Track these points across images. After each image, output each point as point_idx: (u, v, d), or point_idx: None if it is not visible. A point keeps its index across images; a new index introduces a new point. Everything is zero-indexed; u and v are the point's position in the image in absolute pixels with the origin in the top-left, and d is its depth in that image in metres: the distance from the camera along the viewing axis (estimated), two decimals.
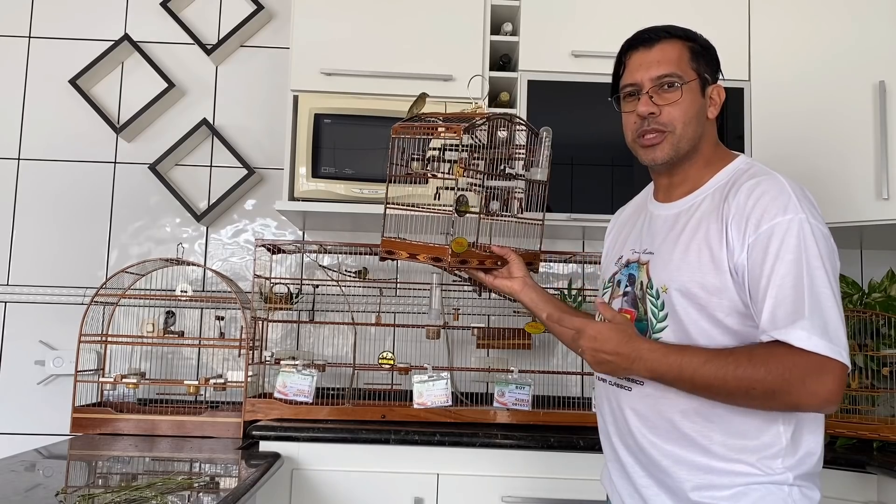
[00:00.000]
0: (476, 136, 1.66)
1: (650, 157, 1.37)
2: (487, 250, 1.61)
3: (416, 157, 1.69)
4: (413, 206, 1.72)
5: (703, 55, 1.37)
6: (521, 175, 1.71)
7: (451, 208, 1.64)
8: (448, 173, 1.65)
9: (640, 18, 1.49)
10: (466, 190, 1.66)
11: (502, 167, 1.69)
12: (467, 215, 1.65)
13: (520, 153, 1.70)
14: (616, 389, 1.37)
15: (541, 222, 1.76)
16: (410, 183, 1.71)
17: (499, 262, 1.60)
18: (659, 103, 1.34)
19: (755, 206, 1.23)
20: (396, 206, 1.69)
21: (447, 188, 1.70)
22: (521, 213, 1.72)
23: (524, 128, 1.69)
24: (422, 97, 1.82)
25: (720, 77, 1.41)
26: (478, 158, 1.67)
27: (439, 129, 1.61)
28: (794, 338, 1.16)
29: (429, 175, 1.69)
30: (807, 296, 1.17)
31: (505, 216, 1.71)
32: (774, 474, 1.23)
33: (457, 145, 1.62)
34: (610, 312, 1.31)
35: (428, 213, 1.70)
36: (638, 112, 1.35)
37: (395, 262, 2.60)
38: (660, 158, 1.36)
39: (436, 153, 1.69)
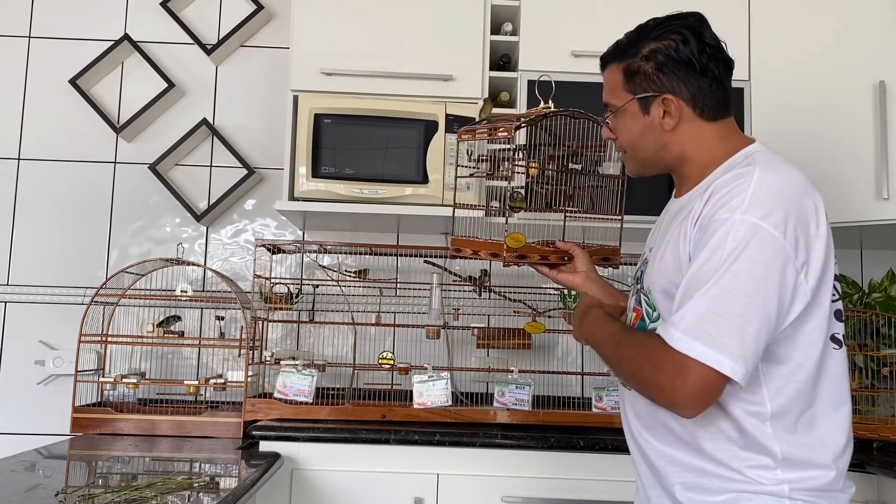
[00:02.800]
0: (546, 131, 1.69)
1: (626, 170, 1.47)
2: (552, 246, 1.62)
3: (484, 157, 1.73)
4: (477, 206, 1.78)
5: (639, 72, 1.31)
6: (575, 169, 1.71)
7: (509, 204, 1.69)
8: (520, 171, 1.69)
9: (640, 18, 1.48)
10: (535, 187, 1.69)
11: (565, 163, 1.70)
12: (523, 212, 1.68)
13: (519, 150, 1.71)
14: (623, 389, 1.38)
15: (620, 219, 1.74)
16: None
17: (565, 257, 1.61)
18: (612, 128, 1.42)
19: (712, 206, 1.19)
20: (464, 207, 1.73)
21: (512, 189, 1.74)
22: (594, 209, 1.73)
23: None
24: (487, 102, 1.86)
25: (713, 63, 1.31)
26: (545, 156, 1.69)
27: (498, 131, 1.64)
28: (661, 329, 1.15)
29: (486, 175, 1.75)
30: (699, 293, 1.11)
31: (572, 212, 1.71)
32: (768, 485, 1.17)
33: (523, 145, 1.67)
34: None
35: (484, 214, 1.75)
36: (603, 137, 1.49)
37: (396, 261, 2.62)
38: (631, 174, 1.46)
39: (509, 153, 1.73)
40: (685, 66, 1.29)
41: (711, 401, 1.12)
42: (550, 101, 1.77)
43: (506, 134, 1.61)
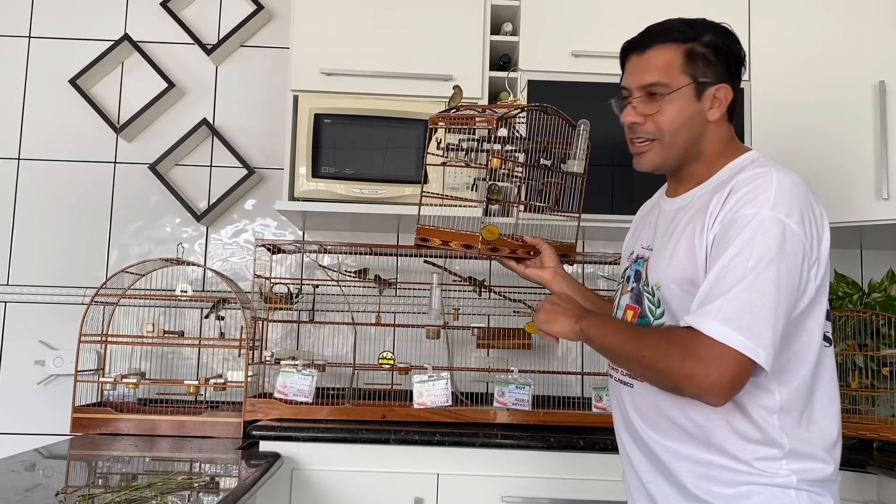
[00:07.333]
0: (516, 128, 1.69)
1: (637, 164, 1.39)
2: (520, 240, 1.62)
3: (453, 147, 1.73)
4: (449, 197, 1.74)
5: (702, 57, 1.31)
6: (545, 165, 1.71)
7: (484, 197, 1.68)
8: (485, 164, 1.68)
9: (640, 18, 1.48)
10: (501, 181, 1.69)
11: (536, 158, 1.70)
12: (499, 205, 1.68)
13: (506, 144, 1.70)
14: (620, 386, 1.38)
15: (577, 216, 1.75)
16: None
17: (531, 252, 1.62)
18: (645, 112, 1.33)
19: (735, 202, 1.21)
20: (432, 196, 1.71)
21: (483, 179, 1.73)
22: (558, 207, 1.73)
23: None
24: (458, 90, 1.85)
25: (743, 71, 1.37)
26: (514, 150, 1.69)
27: (476, 120, 1.64)
28: (692, 320, 1.15)
29: (465, 164, 1.74)
30: (732, 285, 1.14)
31: (540, 207, 1.72)
32: (777, 476, 1.21)
33: (497, 136, 1.65)
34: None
35: (462, 206, 1.72)
36: (622, 121, 1.37)
37: (396, 261, 2.62)
38: (645, 167, 1.38)
39: (474, 144, 1.73)
40: (735, 63, 1.35)
41: (740, 389, 1.15)
42: (521, 96, 1.79)
43: (487, 125, 1.61)
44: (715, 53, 1.32)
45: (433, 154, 1.77)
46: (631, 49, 1.38)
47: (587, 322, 1.34)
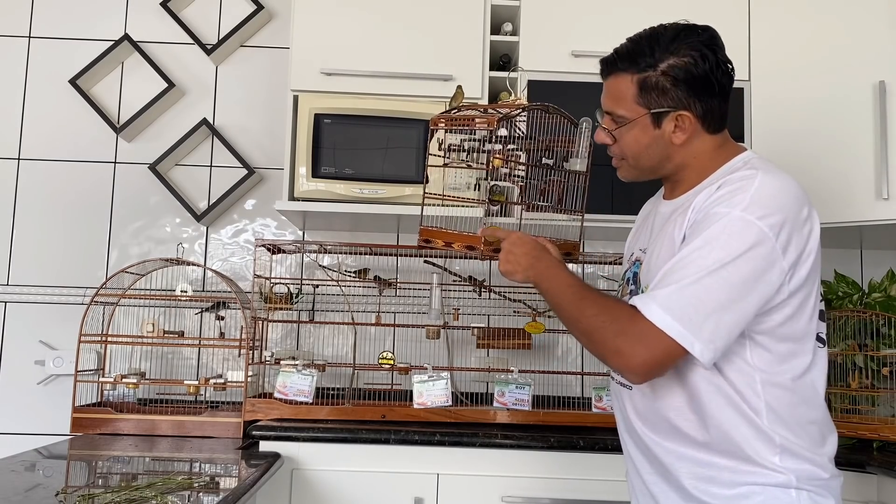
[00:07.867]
0: (517, 128, 1.69)
1: (618, 174, 1.44)
2: None
3: (455, 147, 1.73)
4: (450, 197, 1.74)
5: (657, 87, 1.29)
6: (547, 164, 1.71)
7: (487, 198, 1.68)
8: (486, 164, 1.68)
9: (640, 19, 1.48)
10: (504, 180, 1.69)
11: (538, 157, 1.70)
12: (501, 205, 1.68)
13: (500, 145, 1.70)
14: (620, 388, 1.39)
15: (580, 215, 1.75)
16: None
17: None
18: (612, 135, 1.38)
19: (714, 199, 1.22)
20: (433, 196, 1.71)
21: (485, 179, 1.74)
22: (561, 206, 1.73)
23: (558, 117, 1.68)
24: (460, 90, 1.85)
25: (730, 80, 1.33)
26: (516, 150, 1.69)
27: (476, 120, 1.64)
28: (638, 301, 1.19)
29: (467, 165, 1.74)
30: (684, 276, 1.16)
31: (543, 206, 1.72)
32: (777, 476, 1.21)
33: (499, 136, 1.66)
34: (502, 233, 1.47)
35: (464, 206, 1.72)
36: (595, 140, 1.43)
37: (396, 261, 2.62)
38: (623, 179, 1.43)
39: (475, 144, 1.73)
40: (701, 84, 1.30)
41: (662, 374, 1.21)
42: (522, 95, 1.78)
43: (489, 125, 1.62)
44: (673, 81, 1.29)
45: (434, 155, 1.78)
46: (600, 71, 1.39)
47: (540, 277, 1.37)
